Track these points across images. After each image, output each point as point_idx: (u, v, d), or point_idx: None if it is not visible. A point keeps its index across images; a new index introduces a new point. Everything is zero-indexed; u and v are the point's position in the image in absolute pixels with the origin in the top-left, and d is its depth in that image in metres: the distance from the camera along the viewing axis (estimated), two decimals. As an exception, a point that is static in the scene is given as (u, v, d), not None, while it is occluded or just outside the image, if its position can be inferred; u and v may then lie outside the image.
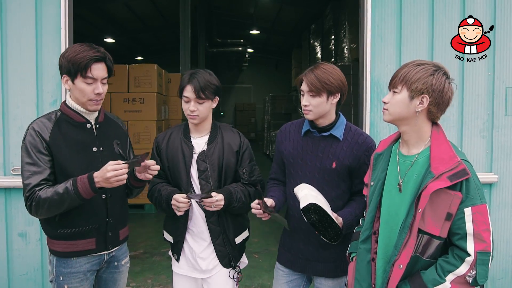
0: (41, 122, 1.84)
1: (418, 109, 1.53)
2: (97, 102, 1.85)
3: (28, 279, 2.84)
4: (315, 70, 1.89)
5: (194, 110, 2.00)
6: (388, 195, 1.62)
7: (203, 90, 1.98)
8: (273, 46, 16.58)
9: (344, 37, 6.88)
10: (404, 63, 1.60)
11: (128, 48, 15.42)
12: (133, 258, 4.39)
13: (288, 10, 10.94)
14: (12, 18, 2.76)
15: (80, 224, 1.85)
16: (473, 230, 1.45)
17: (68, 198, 1.72)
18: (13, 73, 2.77)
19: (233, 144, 2.11)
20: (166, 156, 2.10)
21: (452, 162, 1.47)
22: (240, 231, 2.15)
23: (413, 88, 1.52)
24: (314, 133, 1.97)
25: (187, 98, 2.01)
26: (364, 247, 1.68)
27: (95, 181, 1.71)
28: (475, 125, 2.94)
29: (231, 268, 2.11)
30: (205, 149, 2.06)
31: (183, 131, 2.13)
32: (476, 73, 2.92)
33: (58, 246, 1.87)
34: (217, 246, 2.07)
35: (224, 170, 2.07)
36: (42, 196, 1.73)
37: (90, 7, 9.80)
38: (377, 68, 2.91)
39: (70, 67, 1.77)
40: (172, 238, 2.14)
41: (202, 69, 2.10)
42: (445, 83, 1.53)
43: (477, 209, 1.45)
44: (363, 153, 1.93)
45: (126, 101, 6.14)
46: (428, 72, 1.52)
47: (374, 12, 2.90)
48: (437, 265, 1.50)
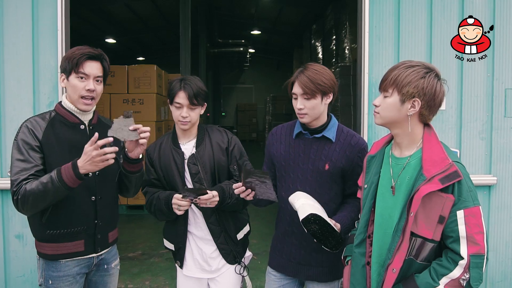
0: (34, 120, 1.84)
1: (410, 113, 1.51)
2: (89, 102, 1.84)
3: (24, 281, 2.84)
4: (306, 71, 1.86)
5: (186, 116, 2.01)
6: (381, 197, 1.61)
7: (196, 97, 2.00)
8: (275, 46, 16.56)
9: (345, 37, 6.85)
10: (394, 65, 1.58)
11: (129, 49, 15.43)
12: (131, 260, 4.40)
13: (290, 10, 10.92)
14: (9, 20, 2.76)
15: (68, 225, 1.84)
16: (466, 232, 1.43)
17: (53, 187, 1.68)
18: (9, 74, 2.77)
19: (221, 143, 2.12)
20: (160, 166, 2.12)
21: (444, 164, 1.45)
22: (241, 227, 2.18)
23: (404, 92, 1.50)
24: (306, 135, 1.95)
25: (179, 104, 2.02)
26: (359, 251, 1.67)
27: (78, 166, 1.67)
28: (474, 126, 2.92)
29: (237, 264, 2.14)
30: (194, 152, 2.07)
31: (171, 139, 2.14)
32: (475, 74, 2.90)
33: (46, 249, 1.86)
34: (220, 245, 2.09)
35: (216, 170, 2.09)
36: (27, 189, 1.70)
37: (91, 7, 9.81)
38: (375, 69, 2.89)
39: (66, 64, 1.82)
40: (173, 246, 2.16)
41: (192, 76, 2.13)
42: (437, 86, 1.50)
43: (469, 212, 1.44)
44: (356, 155, 1.91)
45: (126, 102, 6.15)
46: (419, 74, 1.49)
47: (372, 13, 2.88)
48: (431, 268, 1.48)
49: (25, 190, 1.70)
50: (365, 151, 1.91)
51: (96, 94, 1.86)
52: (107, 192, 1.94)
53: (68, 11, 2.79)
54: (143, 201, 6.05)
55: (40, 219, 1.82)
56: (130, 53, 15.61)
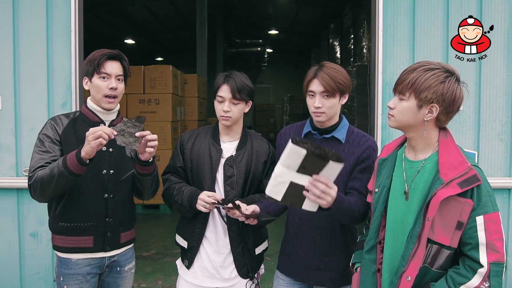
0: (58, 118, 1.93)
1: (427, 119, 1.45)
2: (112, 100, 1.90)
3: (39, 278, 2.89)
4: (326, 69, 1.80)
5: (228, 111, 1.94)
6: (393, 202, 1.55)
7: (239, 91, 1.93)
8: (292, 46, 16.50)
9: (363, 36, 6.76)
10: (411, 66, 1.49)
11: (148, 49, 15.64)
12: (145, 259, 4.43)
13: (307, 10, 10.86)
14: (24, 22, 2.81)
15: (79, 219, 1.88)
16: (486, 239, 1.37)
17: (58, 172, 1.71)
18: (25, 75, 2.82)
19: (262, 153, 2.04)
20: (191, 157, 2.02)
21: (462, 168, 1.39)
22: (260, 242, 2.08)
23: (422, 97, 1.42)
24: (315, 135, 1.91)
25: (222, 98, 1.95)
26: (369, 257, 1.61)
27: (81, 151, 1.70)
28: (493, 127, 2.83)
29: (249, 279, 2.02)
30: (234, 155, 1.99)
31: (211, 134, 2.05)
32: (494, 74, 2.81)
33: (58, 241, 1.91)
34: (236, 256, 1.99)
35: (250, 179, 1.99)
36: (39, 174, 1.77)
37: (111, 9, 9.99)
38: (389, 69, 2.83)
39: (88, 67, 1.89)
40: (186, 244, 2.03)
41: (239, 72, 2.02)
42: (457, 91, 1.43)
43: (489, 218, 1.38)
44: (363, 152, 1.85)
45: (142, 102, 6.20)
46: (439, 79, 1.42)
47: (386, 11, 2.82)
48: (448, 276, 1.42)
49: (37, 175, 1.77)
50: (373, 150, 1.86)
51: (118, 93, 1.92)
52: (121, 191, 1.94)
53: (81, 13, 2.83)
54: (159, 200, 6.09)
55: (54, 211, 1.89)
56: (148, 53, 15.80)
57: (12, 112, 2.81)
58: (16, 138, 2.82)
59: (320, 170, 1.49)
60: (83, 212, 1.88)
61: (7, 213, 2.84)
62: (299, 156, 1.46)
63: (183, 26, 12.89)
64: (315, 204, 1.55)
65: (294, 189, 1.53)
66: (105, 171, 1.90)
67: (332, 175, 1.51)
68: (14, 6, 2.80)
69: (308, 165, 1.48)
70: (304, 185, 1.52)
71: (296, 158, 1.47)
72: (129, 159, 1.97)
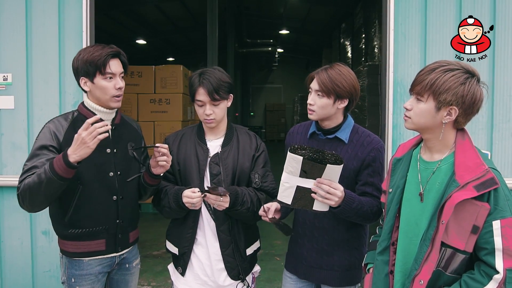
0: (57, 121, 1.85)
1: (445, 121, 1.41)
2: (119, 98, 1.86)
3: (51, 276, 2.92)
4: (330, 69, 1.80)
5: (210, 114, 1.88)
6: (407, 203, 1.52)
7: (217, 91, 1.85)
8: (303, 46, 16.44)
9: (375, 35, 6.70)
10: (430, 66, 1.44)
11: (159, 49, 15.73)
12: (155, 258, 4.45)
13: (318, 9, 10.80)
14: (37, 23, 2.84)
15: (91, 224, 1.85)
16: (502, 245, 1.33)
17: (45, 178, 1.63)
18: (37, 75, 2.86)
19: (249, 148, 1.99)
20: (177, 160, 1.97)
21: (480, 170, 1.35)
22: (252, 242, 2.04)
23: (441, 99, 1.38)
24: (320, 135, 1.90)
25: (201, 102, 1.89)
26: (382, 258, 1.58)
27: (68, 154, 1.62)
28: (506, 127, 2.77)
29: (240, 281, 1.98)
30: (219, 152, 1.95)
31: (196, 133, 2.01)
32: (508, 73, 2.75)
33: (68, 247, 1.88)
34: (225, 257, 1.93)
35: (237, 175, 1.95)
36: (25, 182, 1.68)
37: (123, 9, 10.06)
38: (400, 68, 2.79)
39: (88, 67, 1.78)
40: (177, 250, 1.98)
41: (211, 67, 1.97)
42: (477, 93, 1.38)
43: (506, 222, 1.33)
44: (368, 154, 1.82)
45: (153, 101, 6.24)
46: (459, 80, 1.37)
47: (398, 9, 2.78)
48: (462, 281, 1.38)
49: (24, 184, 1.69)
50: (378, 151, 1.83)
51: (123, 90, 1.89)
52: (128, 192, 1.94)
53: (92, 13, 2.85)
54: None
55: (63, 218, 1.83)
56: (160, 53, 15.90)
57: (24, 112, 2.85)
58: (28, 137, 2.86)
59: (321, 173, 1.59)
60: (94, 217, 1.85)
61: (20, 211, 2.85)
62: (297, 162, 1.58)
63: (194, 26, 12.93)
64: (325, 204, 1.65)
65: (302, 192, 1.64)
66: (112, 174, 1.87)
67: (334, 176, 1.61)
68: (26, 7, 2.83)
69: (308, 169, 1.59)
70: (310, 188, 1.62)
71: (295, 164, 1.59)
72: (133, 159, 1.96)
